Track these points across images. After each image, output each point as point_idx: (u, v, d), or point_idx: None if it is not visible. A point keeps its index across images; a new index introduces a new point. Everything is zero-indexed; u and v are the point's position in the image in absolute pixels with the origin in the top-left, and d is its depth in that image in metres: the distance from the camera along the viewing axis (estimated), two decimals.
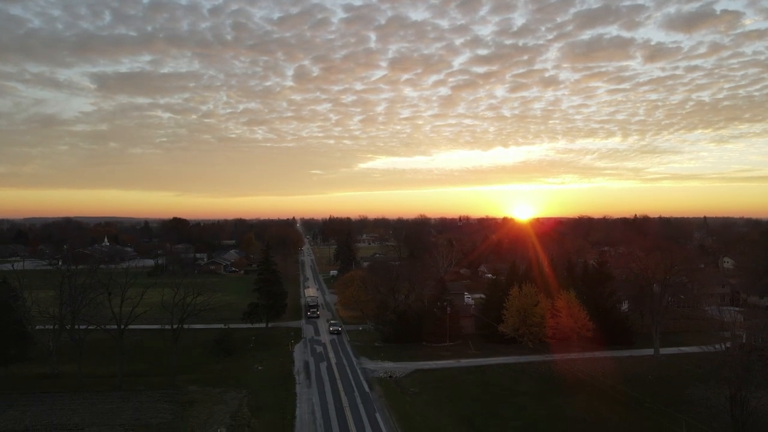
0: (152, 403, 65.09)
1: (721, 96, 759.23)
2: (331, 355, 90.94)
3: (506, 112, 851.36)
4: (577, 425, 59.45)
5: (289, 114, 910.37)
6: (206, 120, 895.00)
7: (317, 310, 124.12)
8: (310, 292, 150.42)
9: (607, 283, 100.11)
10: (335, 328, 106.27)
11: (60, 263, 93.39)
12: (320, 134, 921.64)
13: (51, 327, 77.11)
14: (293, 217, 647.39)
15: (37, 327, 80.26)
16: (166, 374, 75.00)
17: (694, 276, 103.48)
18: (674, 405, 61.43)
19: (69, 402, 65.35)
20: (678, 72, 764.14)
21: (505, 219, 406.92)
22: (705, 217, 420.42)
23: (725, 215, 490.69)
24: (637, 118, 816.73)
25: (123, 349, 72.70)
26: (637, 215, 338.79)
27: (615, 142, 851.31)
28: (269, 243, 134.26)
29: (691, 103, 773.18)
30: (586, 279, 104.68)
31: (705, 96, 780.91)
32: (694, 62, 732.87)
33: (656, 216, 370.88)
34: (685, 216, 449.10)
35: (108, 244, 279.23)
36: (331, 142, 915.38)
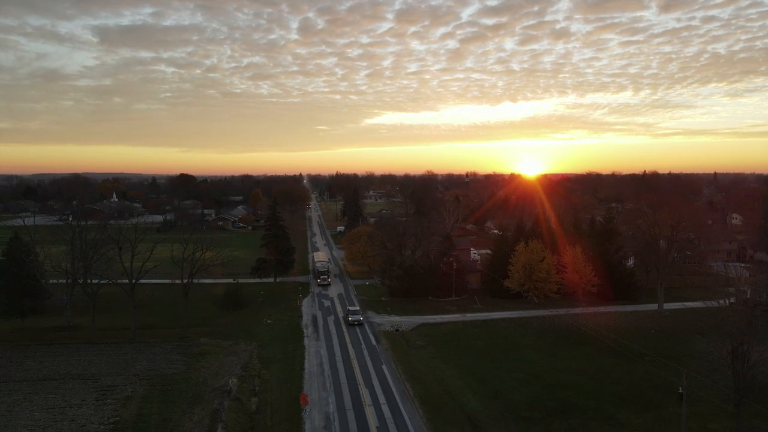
0: (165, 354, 66.94)
1: (737, 48, 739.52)
2: (339, 309, 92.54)
3: (515, 66, 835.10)
4: (580, 377, 60.76)
5: (295, 68, 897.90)
6: (210, 75, 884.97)
7: (328, 277, 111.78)
8: (320, 256, 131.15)
9: (614, 239, 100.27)
10: (355, 318, 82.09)
11: (70, 219, 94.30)
12: (326, 89, 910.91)
13: (64, 281, 78.60)
14: (300, 173, 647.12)
15: (51, 281, 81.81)
16: (177, 327, 76.82)
17: (701, 232, 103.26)
18: (676, 359, 62.46)
19: (84, 353, 67.32)
20: (694, 23, 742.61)
21: (512, 175, 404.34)
22: (715, 173, 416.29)
23: (736, 171, 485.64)
24: (650, 72, 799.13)
25: (135, 303, 74.25)
26: (647, 171, 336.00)
27: (626, 96, 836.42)
28: (276, 199, 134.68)
29: (706, 56, 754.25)
30: (593, 235, 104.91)
31: (721, 48, 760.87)
32: (710, 12, 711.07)
33: (666, 172, 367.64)
34: (696, 172, 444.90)
35: (116, 200, 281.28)
36: (338, 97, 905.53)
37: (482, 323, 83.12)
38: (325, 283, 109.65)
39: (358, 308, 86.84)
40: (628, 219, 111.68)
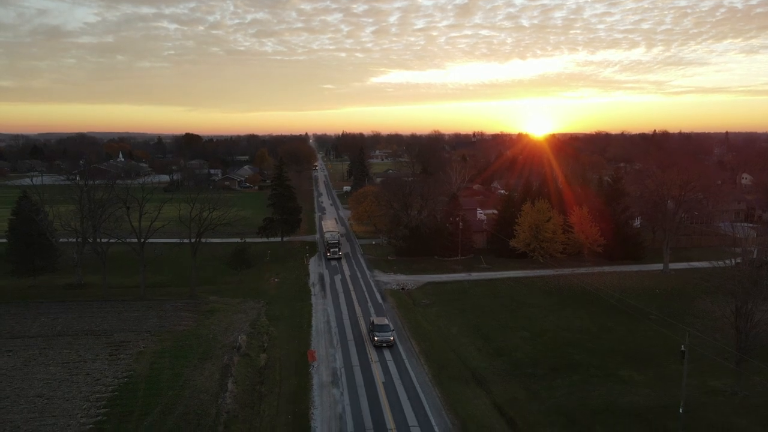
0: (175, 312, 68.22)
1: (754, 2, 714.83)
2: (345, 268, 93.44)
3: (525, 22, 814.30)
4: (583, 335, 61.60)
5: (299, 25, 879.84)
6: (214, 32, 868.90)
7: (339, 250, 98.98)
8: (329, 224, 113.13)
9: (621, 200, 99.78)
10: (383, 337, 58.19)
11: (77, 178, 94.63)
12: (331, 47, 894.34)
13: (74, 240, 79.53)
14: (306, 133, 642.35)
15: (61, 240, 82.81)
16: (186, 285, 77.99)
17: (709, 192, 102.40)
18: (679, 317, 63.04)
19: (97, 310, 68.71)
20: None
21: (520, 135, 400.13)
22: (727, 133, 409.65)
23: (749, 130, 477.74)
24: (663, 27, 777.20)
25: (144, 262, 75.22)
26: (657, 131, 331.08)
27: (638, 53, 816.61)
28: (282, 159, 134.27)
29: (723, 10, 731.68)
30: (600, 195, 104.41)
31: (738, 2, 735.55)
32: None
33: (676, 132, 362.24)
34: (707, 131, 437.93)
35: (123, 159, 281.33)
36: (343, 55, 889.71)
37: (487, 282, 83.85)
38: (336, 257, 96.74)
39: (387, 323, 60.45)
40: (637, 179, 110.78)
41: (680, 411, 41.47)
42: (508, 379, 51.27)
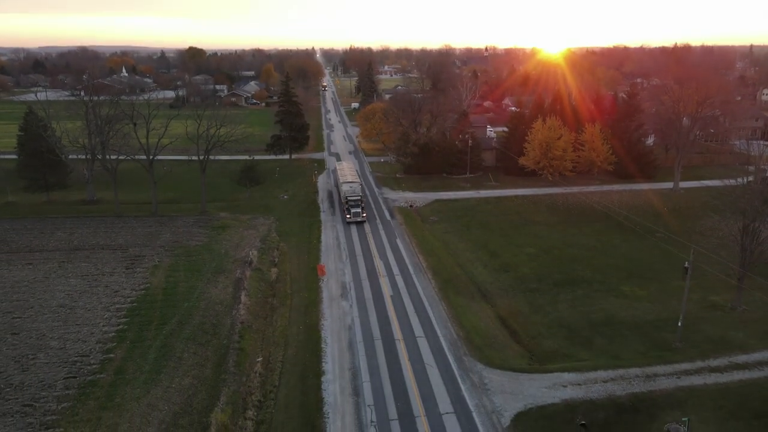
0: (187, 228, 69.53)
1: None
2: None
3: None
4: (589, 252, 62.47)
5: None
6: None
7: (362, 210, 73.61)
8: (346, 171, 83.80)
9: (635, 116, 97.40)
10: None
11: (82, 94, 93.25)
12: None
13: (83, 157, 79.76)
14: (312, 48, 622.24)
15: (70, 156, 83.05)
16: (196, 202, 78.90)
17: (727, 109, 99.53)
18: (685, 235, 63.44)
19: (111, 225, 70.17)
20: None
21: (533, 50, 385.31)
22: (751, 46, 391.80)
23: None
24: None
25: (154, 179, 75.69)
26: (677, 44, 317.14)
27: None
28: (289, 74, 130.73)
29: None
30: (614, 112, 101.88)
31: None
32: None
33: (698, 45, 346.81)
34: (731, 45, 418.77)
35: (126, 74, 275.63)
36: None
37: (495, 200, 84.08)
38: (359, 219, 72.89)
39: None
40: (653, 95, 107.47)
41: (679, 324, 42.80)
42: (512, 294, 52.71)
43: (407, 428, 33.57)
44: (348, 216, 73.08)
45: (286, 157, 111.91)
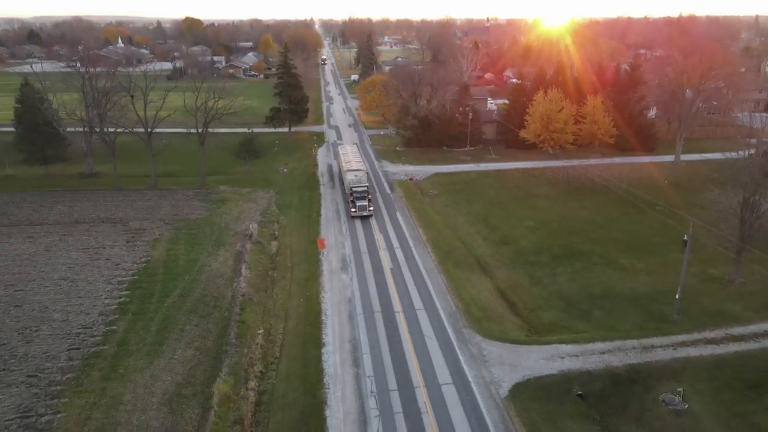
0: (187, 201, 69.51)
1: None
2: None
3: None
4: (588, 225, 62.56)
5: None
6: None
7: (369, 203, 65.06)
8: (350, 155, 75.92)
9: (638, 88, 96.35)
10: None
11: (78, 65, 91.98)
12: None
13: (81, 129, 79.21)
14: (311, 18, 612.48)
15: (68, 129, 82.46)
16: (195, 175, 78.65)
17: (731, 81, 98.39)
18: (685, 208, 63.45)
19: (110, 198, 70.12)
20: None
21: (536, 20, 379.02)
22: (757, 16, 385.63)
23: None
24: None
25: (153, 152, 75.31)
26: (682, 14, 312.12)
27: None
28: (287, 45, 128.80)
29: None
30: (616, 84, 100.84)
31: None
32: None
33: (703, 15, 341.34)
34: (736, 15, 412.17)
35: (122, 45, 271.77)
36: None
37: (495, 173, 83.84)
38: (365, 214, 64.50)
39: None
40: (656, 67, 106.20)
41: (676, 296, 43.13)
42: (511, 267, 52.99)
43: (407, 399, 34.13)
44: (353, 210, 64.27)
45: (286, 130, 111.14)
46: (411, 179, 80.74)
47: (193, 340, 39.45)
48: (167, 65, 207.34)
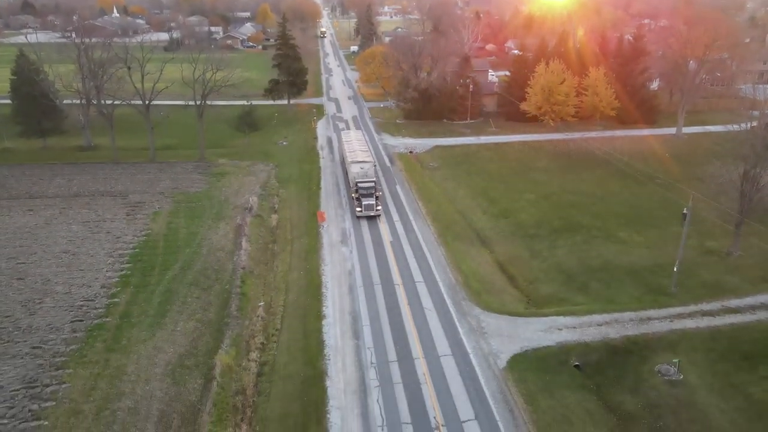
0: (186, 174, 69.35)
1: None
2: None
3: None
4: (588, 198, 62.54)
5: None
6: None
7: (377, 201, 57.02)
8: (355, 145, 67.22)
9: (641, 60, 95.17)
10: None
11: (73, 35, 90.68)
12: None
13: (78, 101, 78.49)
14: None
15: (65, 101, 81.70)
16: (194, 148, 78.28)
17: (735, 52, 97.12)
18: (685, 181, 63.39)
19: (110, 171, 69.95)
20: None
21: None
22: None
23: None
24: None
25: (151, 124, 74.77)
26: None
27: None
28: (286, 16, 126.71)
29: None
30: (619, 55, 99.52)
31: None
32: None
33: None
34: None
35: (118, 15, 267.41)
36: None
37: (496, 146, 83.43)
38: (372, 214, 56.32)
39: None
40: (660, 37, 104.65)
41: (674, 269, 43.39)
42: (511, 240, 53.17)
43: (406, 370, 34.65)
44: (359, 209, 56.09)
45: (285, 102, 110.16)
46: (411, 152, 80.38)
47: (194, 313, 39.85)
48: (164, 36, 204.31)
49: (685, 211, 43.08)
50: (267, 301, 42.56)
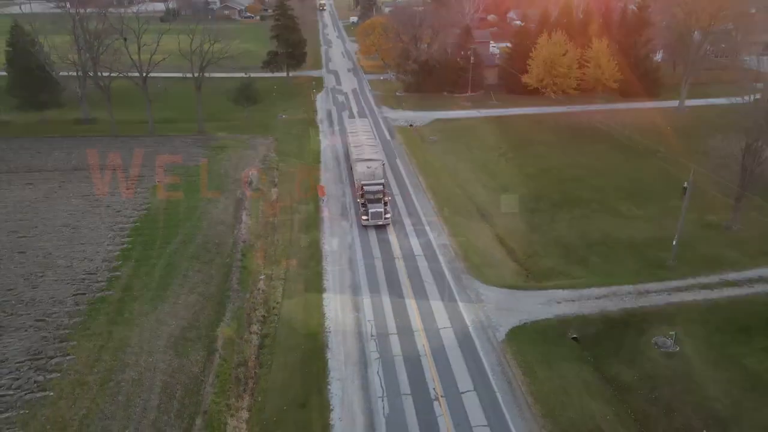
0: (185, 148, 68.93)
1: None
2: (353, 104, 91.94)
3: None
4: (589, 171, 62.38)
5: None
6: None
7: (386, 207, 49.32)
8: (362, 138, 59.98)
9: (645, 31, 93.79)
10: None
11: (67, 5, 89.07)
12: None
13: (75, 74, 77.58)
14: None
15: (61, 74, 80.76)
16: (193, 121, 77.64)
17: (741, 22, 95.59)
18: (687, 155, 63.04)
19: (108, 145, 69.48)
20: None
21: None
22: None
23: None
24: None
25: (149, 97, 74.05)
26: None
27: None
28: None
29: None
30: (623, 26, 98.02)
31: None
32: None
33: None
34: None
35: None
36: None
37: (496, 119, 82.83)
38: (380, 222, 48.81)
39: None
40: (665, 7, 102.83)
41: (674, 243, 43.54)
42: (510, 213, 53.20)
43: (406, 342, 35.06)
44: (365, 218, 48.43)
45: (284, 74, 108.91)
46: (411, 125, 79.85)
47: (196, 286, 40.10)
48: (160, 6, 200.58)
49: (685, 185, 42.99)
50: (268, 274, 42.81)
